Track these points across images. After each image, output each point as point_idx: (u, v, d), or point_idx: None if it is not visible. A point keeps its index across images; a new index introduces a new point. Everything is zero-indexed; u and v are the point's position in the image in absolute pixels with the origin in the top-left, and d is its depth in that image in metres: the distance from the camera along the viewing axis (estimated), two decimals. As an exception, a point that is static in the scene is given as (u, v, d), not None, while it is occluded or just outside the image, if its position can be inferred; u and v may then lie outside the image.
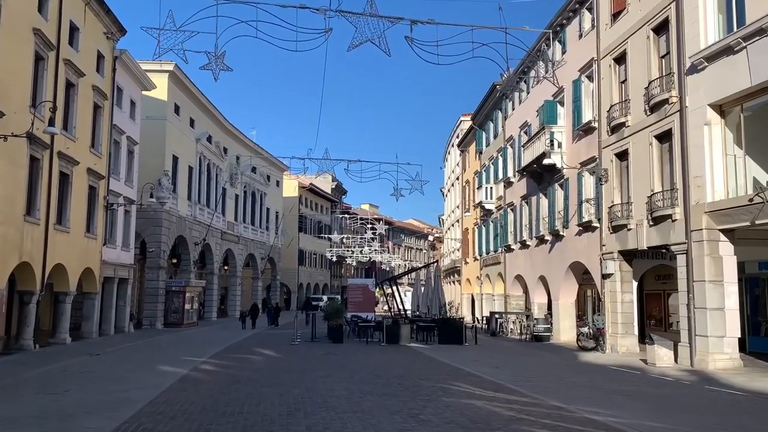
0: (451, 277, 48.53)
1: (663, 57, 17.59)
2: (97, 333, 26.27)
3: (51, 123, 16.24)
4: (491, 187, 35.00)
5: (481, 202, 35.26)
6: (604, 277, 20.06)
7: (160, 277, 34.45)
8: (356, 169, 22.21)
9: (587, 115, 22.09)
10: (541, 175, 26.02)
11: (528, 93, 29.20)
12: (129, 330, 29.97)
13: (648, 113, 17.77)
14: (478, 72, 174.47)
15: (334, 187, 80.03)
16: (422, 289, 30.47)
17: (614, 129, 19.76)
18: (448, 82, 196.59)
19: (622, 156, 19.52)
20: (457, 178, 46.81)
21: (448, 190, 53.05)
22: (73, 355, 19.42)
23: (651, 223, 17.42)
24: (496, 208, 34.55)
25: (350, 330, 27.07)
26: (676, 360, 16.00)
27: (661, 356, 15.54)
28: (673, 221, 16.35)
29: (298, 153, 76.27)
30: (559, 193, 24.74)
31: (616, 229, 19.52)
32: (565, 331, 24.52)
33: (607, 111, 20.23)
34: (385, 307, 57.79)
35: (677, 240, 16.13)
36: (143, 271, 34.92)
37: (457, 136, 46.08)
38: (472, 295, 41.56)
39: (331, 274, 79.93)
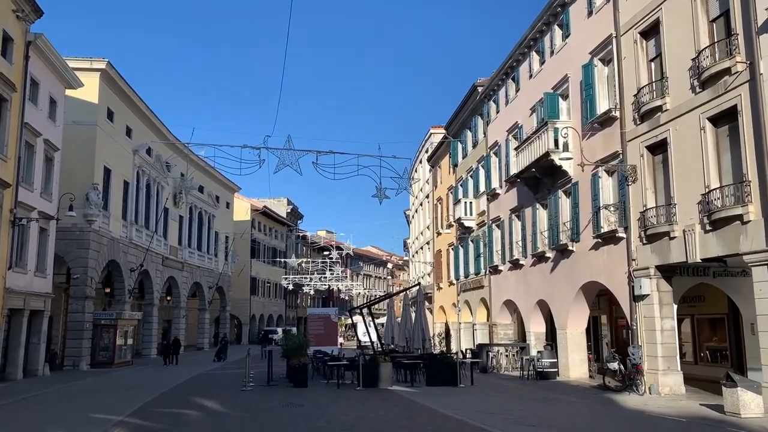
0: (415, 306, 44.33)
1: (714, 20, 14.12)
2: (-4, 379, 20.95)
3: None
4: (470, 202, 31.19)
5: (459, 219, 31.36)
6: (637, 299, 16.23)
7: (87, 308, 29.13)
8: (328, 163, 17.74)
9: (603, 105, 18.51)
10: (539, 182, 22.29)
11: (517, 91, 25.64)
12: (43, 373, 24.60)
13: (697, 90, 14.20)
14: (455, 74, 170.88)
15: (289, 211, 75.35)
16: (398, 318, 26.21)
17: (645, 116, 16.16)
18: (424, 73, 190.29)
19: (658, 148, 15.89)
20: (427, 196, 42.98)
21: (416, 211, 49.18)
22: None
23: (708, 227, 13.69)
24: (477, 225, 30.70)
25: (315, 370, 22.49)
26: None
27: (747, 403, 11.62)
28: (745, 223, 12.65)
29: (251, 159, 70.51)
30: (565, 201, 21.02)
31: (651, 238, 15.77)
32: (575, 366, 20.55)
33: (634, 96, 16.66)
34: (345, 341, 53.14)
35: (754, 247, 12.39)
36: (68, 302, 29.52)
37: (426, 151, 42.41)
38: (447, 325, 37.41)
39: (286, 304, 74.61)
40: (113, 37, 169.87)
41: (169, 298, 43.07)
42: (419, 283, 26.50)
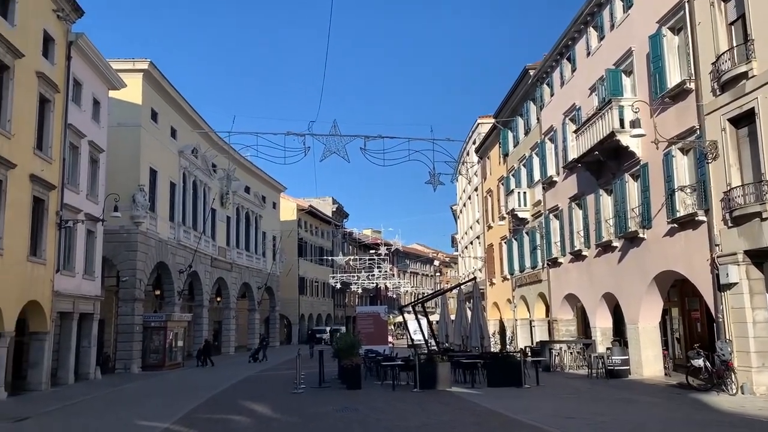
0: (471, 302, 42.95)
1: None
2: (48, 383, 20.69)
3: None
4: (524, 192, 29.71)
5: (512, 211, 29.91)
6: (723, 289, 14.64)
7: (136, 311, 28.90)
8: (377, 149, 16.72)
9: (675, 77, 16.91)
10: (602, 166, 20.75)
11: (573, 71, 24.09)
12: (95, 376, 24.36)
13: (791, 51, 12.58)
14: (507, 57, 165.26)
15: (335, 210, 74.81)
16: (452, 315, 25.03)
17: (726, 85, 14.56)
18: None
19: (743, 120, 14.28)
20: (476, 189, 41.55)
21: (463, 205, 47.76)
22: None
23: (810, 205, 12.07)
24: (532, 216, 29.21)
25: (368, 370, 21.51)
26: None
27: None
28: None
29: (295, 146, 71.35)
30: (632, 185, 19.45)
31: (738, 221, 14.17)
32: (649, 364, 18.95)
33: (712, 64, 15.05)
34: (395, 340, 52.17)
35: None
36: (118, 305, 29.39)
37: (474, 142, 40.97)
38: (501, 322, 35.96)
39: (334, 303, 74.11)
40: (144, 30, 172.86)
41: (219, 299, 42.90)
42: (475, 278, 25.18)
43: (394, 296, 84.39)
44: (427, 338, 22.43)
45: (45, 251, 20.49)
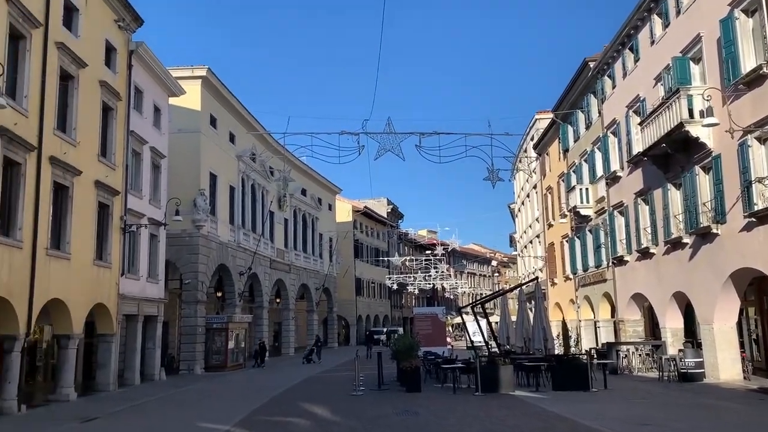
0: (532, 302, 41.92)
1: None
2: (115, 384, 21.24)
3: (-5, 91, 11.30)
4: (586, 189, 28.72)
5: (574, 208, 28.97)
6: (809, 286, 13.62)
7: (199, 312, 29.47)
8: (432, 145, 16.37)
9: (749, 62, 15.88)
10: (670, 159, 19.77)
11: (636, 61, 23.10)
12: (160, 377, 24.92)
13: None
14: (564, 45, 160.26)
15: (390, 210, 74.74)
16: (513, 317, 24.40)
17: (809, 68, 13.54)
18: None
19: (829, 105, 13.23)
20: (534, 187, 40.58)
21: (522, 203, 46.76)
22: (61, 419, 14.28)
23: None
24: (595, 213, 28.21)
25: (427, 372, 21.17)
26: None
27: None
28: None
29: (350, 146, 70.85)
30: (703, 178, 18.42)
31: (826, 213, 13.15)
32: (726, 367, 17.88)
33: (792, 45, 14.05)
34: (453, 341, 51.57)
35: None
36: (181, 307, 30.08)
37: (532, 138, 40.01)
38: (564, 323, 34.95)
39: (391, 304, 74.00)
40: (197, 35, 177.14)
41: (278, 300, 43.42)
42: (537, 278, 24.48)
43: (452, 297, 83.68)
44: (487, 340, 21.90)
45: (110, 255, 21.06)
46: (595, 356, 20.61)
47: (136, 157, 23.88)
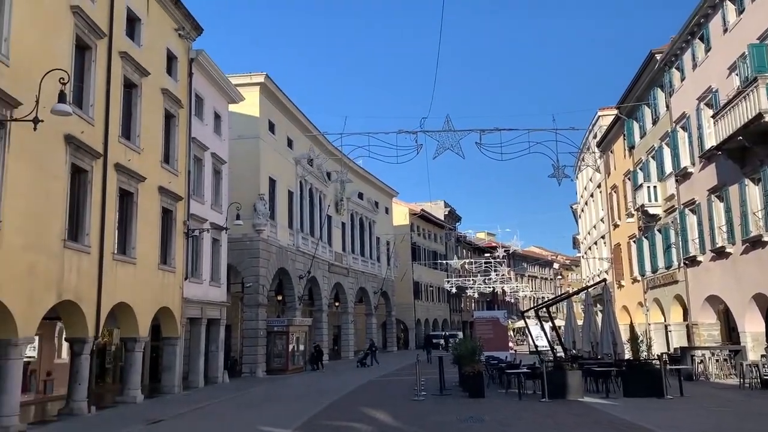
0: (600, 305, 40.46)
1: None
2: (180, 386, 21.59)
3: (62, 99, 11.56)
4: (654, 186, 27.49)
5: (642, 207, 27.77)
6: None
7: (260, 316, 29.80)
8: (493, 142, 15.88)
9: (838, 46, 14.74)
10: (747, 152, 18.61)
11: (708, 51, 21.92)
12: (223, 380, 25.24)
13: None
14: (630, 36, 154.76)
15: (447, 213, 74.05)
16: (578, 320, 23.51)
17: None
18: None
19: None
20: (598, 186, 39.25)
21: (585, 203, 45.35)
22: (128, 421, 14.53)
23: None
24: (664, 211, 26.95)
25: (490, 378, 20.62)
26: None
27: None
28: None
29: (407, 145, 70.97)
30: (786, 172, 17.24)
31: None
32: (815, 374, 16.65)
33: None
34: (515, 345, 50.49)
35: None
36: (243, 311, 30.48)
37: (595, 136, 38.72)
38: (632, 326, 33.46)
39: (450, 308, 73.23)
40: (252, 38, 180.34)
41: (337, 304, 43.56)
42: (605, 280, 23.53)
43: (512, 300, 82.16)
44: (552, 344, 21.15)
45: (174, 259, 21.46)
46: (668, 361, 19.57)
47: (198, 163, 24.30)
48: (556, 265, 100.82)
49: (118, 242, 18.01)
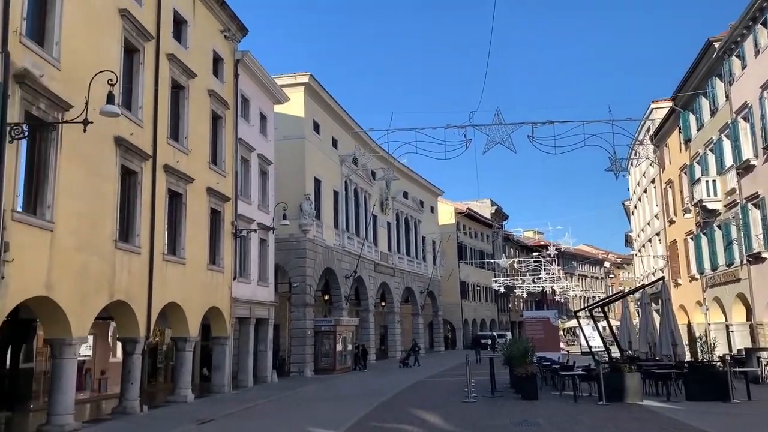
0: (658, 305, 39.09)
1: None
2: (230, 386, 21.71)
3: (110, 100, 11.63)
4: (713, 180, 26.31)
5: (700, 202, 26.62)
6: None
7: (307, 315, 29.82)
8: (546, 135, 15.38)
9: None
10: (818, 142, 17.51)
11: (772, 36, 20.81)
12: (271, 379, 25.32)
13: None
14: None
15: (493, 212, 73.03)
16: (633, 320, 22.66)
17: None
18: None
19: None
20: (652, 181, 37.92)
21: (638, 200, 43.92)
22: (179, 420, 14.59)
23: None
24: (725, 206, 25.76)
25: (542, 379, 20.02)
26: None
27: None
28: None
29: (456, 140, 70.70)
30: None
31: None
32: None
33: None
34: (566, 346, 49.30)
35: None
36: (290, 310, 30.59)
37: (648, 129, 37.39)
38: (690, 326, 32.24)
39: (498, 308, 72.17)
40: (296, 35, 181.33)
41: (383, 303, 43.37)
42: (663, 278, 22.59)
43: (561, 300, 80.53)
44: (608, 345, 20.40)
45: (223, 259, 21.58)
46: (732, 363, 18.60)
47: (245, 164, 24.43)
48: (606, 264, 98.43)
49: (168, 243, 18.15)
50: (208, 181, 20.73)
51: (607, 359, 19.37)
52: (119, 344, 19.50)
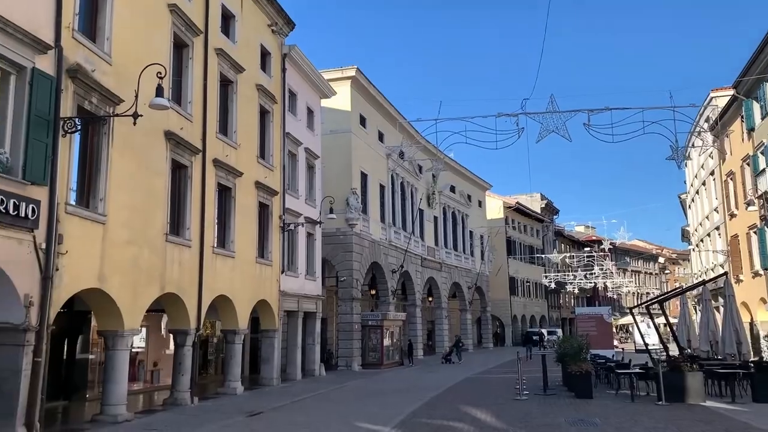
0: (721, 301, 37.51)
1: None
2: (278, 379, 21.81)
3: (159, 93, 11.66)
4: (779, 171, 24.94)
5: (765, 194, 25.27)
6: None
7: (354, 309, 29.75)
8: (603, 122, 14.72)
9: None
10: None
11: None
12: (319, 373, 25.35)
13: None
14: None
15: (543, 206, 71.62)
16: (694, 318, 21.68)
17: None
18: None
19: None
20: (711, 173, 36.33)
21: (696, 192, 42.22)
22: (229, 412, 14.65)
23: None
24: (792, 198, 24.40)
25: (596, 377, 19.36)
26: None
27: None
28: None
29: (507, 129, 69.18)
30: None
31: None
32: None
33: None
34: (620, 344, 47.94)
35: None
36: (338, 304, 30.63)
37: (707, 119, 35.83)
38: (753, 324, 30.77)
39: (548, 304, 70.78)
40: (341, 27, 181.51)
41: (430, 299, 43.02)
42: (725, 273, 21.59)
43: (614, 296, 78.48)
44: (665, 343, 19.57)
45: (271, 253, 21.66)
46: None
47: (292, 158, 24.46)
48: (661, 259, 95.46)
49: (218, 236, 18.28)
50: (257, 175, 20.81)
51: (665, 357, 18.59)
52: (171, 336, 19.86)
